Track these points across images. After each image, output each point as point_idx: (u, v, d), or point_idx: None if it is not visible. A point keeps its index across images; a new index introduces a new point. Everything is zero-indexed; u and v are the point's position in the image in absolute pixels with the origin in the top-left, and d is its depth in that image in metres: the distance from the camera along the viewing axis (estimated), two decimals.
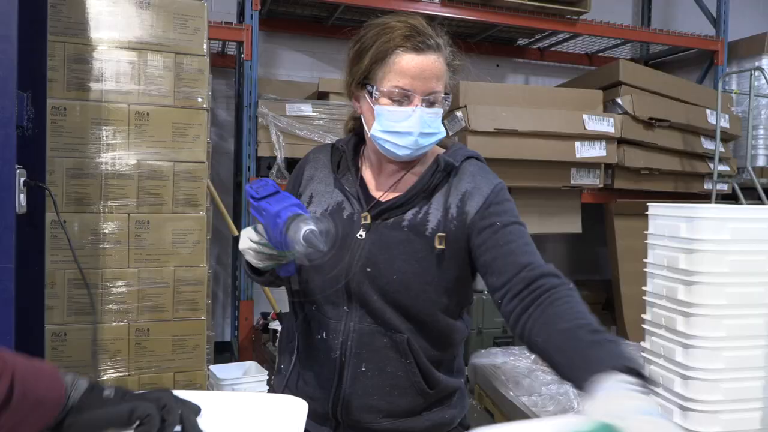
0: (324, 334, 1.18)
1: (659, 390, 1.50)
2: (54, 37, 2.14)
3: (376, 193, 1.22)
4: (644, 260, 1.57)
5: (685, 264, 1.44)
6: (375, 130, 1.14)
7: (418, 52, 1.10)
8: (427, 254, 1.14)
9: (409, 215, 1.17)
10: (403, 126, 1.11)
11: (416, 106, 1.11)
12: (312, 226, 0.95)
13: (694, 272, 1.42)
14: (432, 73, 1.11)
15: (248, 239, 1.10)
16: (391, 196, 1.20)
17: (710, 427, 1.35)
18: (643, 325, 1.59)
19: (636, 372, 0.80)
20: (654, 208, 1.58)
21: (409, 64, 1.10)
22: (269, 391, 1.40)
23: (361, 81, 1.15)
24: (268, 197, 1.05)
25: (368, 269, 1.14)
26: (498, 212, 1.14)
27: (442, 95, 1.14)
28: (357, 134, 1.28)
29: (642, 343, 1.58)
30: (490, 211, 1.14)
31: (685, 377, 1.41)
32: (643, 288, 1.59)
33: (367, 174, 1.26)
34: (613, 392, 0.76)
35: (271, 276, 1.20)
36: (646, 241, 1.58)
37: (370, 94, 1.13)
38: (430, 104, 1.13)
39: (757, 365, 1.39)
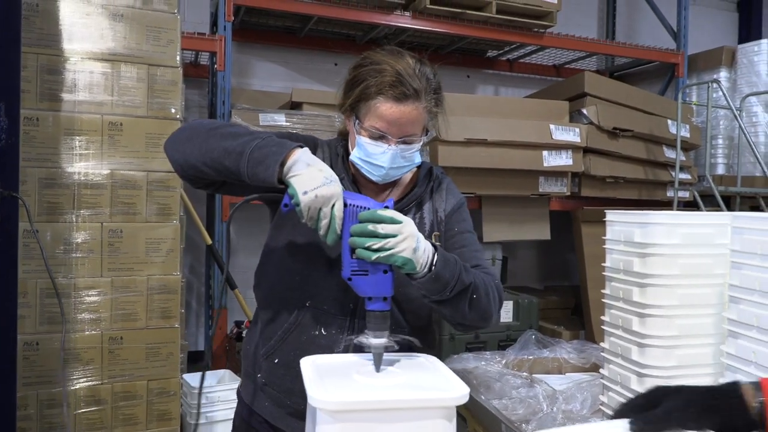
0: (322, 330, 1.26)
1: (617, 387, 1.56)
2: (27, 48, 2.16)
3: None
4: (603, 264, 1.65)
5: (640, 267, 1.51)
6: (354, 155, 1.28)
7: (398, 102, 1.20)
8: None
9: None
10: (376, 159, 1.24)
11: (391, 145, 1.23)
12: (391, 343, 1.07)
13: (647, 275, 1.49)
14: (408, 120, 1.22)
15: (334, 209, 1.08)
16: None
17: None
18: (602, 326, 1.67)
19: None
20: (611, 215, 1.66)
21: (387, 112, 1.21)
22: (238, 398, 1.42)
23: (349, 108, 1.27)
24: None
25: None
26: (458, 220, 1.36)
27: (419, 135, 1.25)
28: (345, 139, 1.37)
29: (602, 344, 1.66)
30: (452, 219, 1.36)
31: (640, 375, 1.48)
32: (602, 291, 1.67)
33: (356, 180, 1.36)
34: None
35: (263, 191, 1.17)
36: (604, 246, 1.66)
37: (354, 123, 1.26)
38: (406, 143, 1.24)
39: (706, 362, 1.46)
